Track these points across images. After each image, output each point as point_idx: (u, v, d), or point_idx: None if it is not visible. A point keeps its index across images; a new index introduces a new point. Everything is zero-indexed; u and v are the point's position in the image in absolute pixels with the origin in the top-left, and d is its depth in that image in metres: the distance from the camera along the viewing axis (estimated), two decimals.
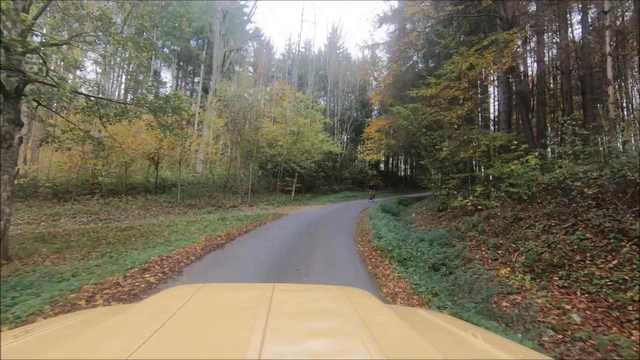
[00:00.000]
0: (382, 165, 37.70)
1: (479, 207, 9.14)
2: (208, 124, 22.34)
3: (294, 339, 0.91)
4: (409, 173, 42.71)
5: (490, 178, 10.35)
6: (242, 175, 19.36)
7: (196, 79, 37.06)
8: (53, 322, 1.20)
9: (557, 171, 6.84)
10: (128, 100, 8.90)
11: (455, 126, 9.24)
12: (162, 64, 36.18)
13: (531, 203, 7.53)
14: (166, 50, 34.30)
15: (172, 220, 11.96)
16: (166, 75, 38.40)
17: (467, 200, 9.44)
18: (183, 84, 38.37)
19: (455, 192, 10.10)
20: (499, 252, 6.73)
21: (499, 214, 8.12)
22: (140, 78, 8.11)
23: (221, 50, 22.56)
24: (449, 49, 9.16)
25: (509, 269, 5.73)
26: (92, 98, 8.62)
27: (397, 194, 31.03)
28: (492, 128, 17.27)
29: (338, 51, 35.71)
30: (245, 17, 33.38)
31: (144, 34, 29.28)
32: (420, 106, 10.38)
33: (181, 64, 36.85)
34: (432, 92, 9.39)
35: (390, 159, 39.56)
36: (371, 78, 37.97)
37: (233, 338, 0.87)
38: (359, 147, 31.55)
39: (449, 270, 5.88)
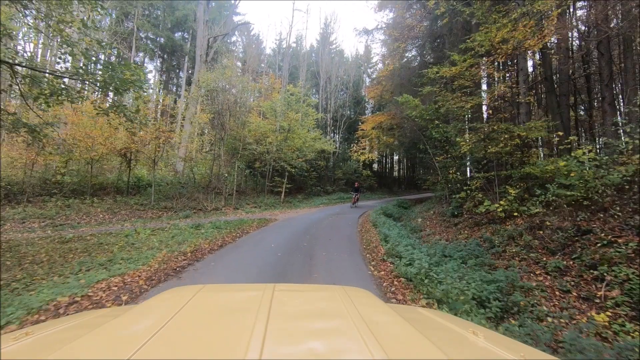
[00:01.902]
0: (375, 165, 35.76)
1: (514, 213, 7.22)
2: (190, 118, 19.99)
3: (295, 339, 0.87)
4: (403, 174, 40.93)
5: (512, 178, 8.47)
6: (226, 175, 17.10)
7: (181, 74, 34.47)
8: (54, 324, 1.17)
9: None
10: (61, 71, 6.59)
11: (490, 111, 7.30)
12: (146, 57, 33.61)
13: (598, 210, 5.62)
14: (148, 42, 31.77)
15: (136, 228, 9.67)
16: (150, 70, 35.73)
17: (496, 205, 7.50)
18: (166, 78, 35.68)
19: (481, 195, 8.16)
20: (568, 279, 4.77)
21: (549, 223, 6.19)
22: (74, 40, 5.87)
23: (205, 38, 20.25)
24: (476, 18, 7.27)
25: (608, 313, 3.74)
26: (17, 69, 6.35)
27: (392, 195, 29.17)
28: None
29: (331, 47, 33.69)
30: (232, 9, 31.08)
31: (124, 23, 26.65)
32: (439, 91, 8.44)
33: (165, 57, 34.20)
34: (456, 71, 7.46)
35: (385, 159, 37.70)
36: (364, 75, 36.20)
37: (234, 338, 0.84)
38: (352, 146, 29.56)
39: (516, 312, 3.88)
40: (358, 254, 6.58)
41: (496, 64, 10.40)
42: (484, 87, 11.95)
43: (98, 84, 6.43)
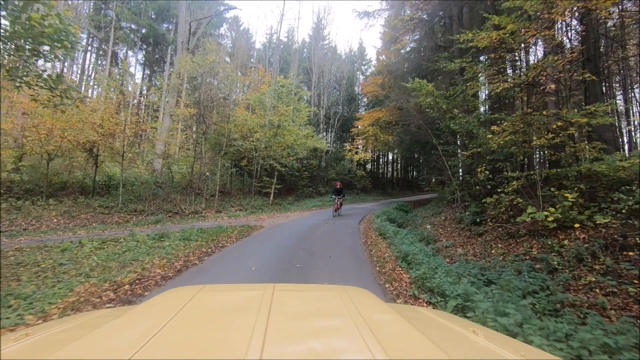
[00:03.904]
0: (368, 166, 33.87)
1: (574, 224, 5.40)
2: (170, 111, 17.71)
3: (295, 339, 0.85)
4: (397, 174, 39.20)
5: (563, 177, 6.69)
6: (208, 174, 14.92)
7: (166, 68, 31.92)
8: (54, 324, 1.15)
9: None
10: None
11: (552, 88, 5.43)
12: (129, 50, 31.01)
13: None
14: (130, 34, 29.18)
15: (82, 239, 7.49)
16: (131, 63, 33.01)
17: (545, 213, 5.66)
18: (150, 72, 33.05)
19: (521, 200, 6.32)
20: None
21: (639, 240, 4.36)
22: None
23: (186, 23, 18.03)
24: None
25: None
26: None
27: (386, 197, 27.41)
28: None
29: (324, 42, 31.75)
30: None
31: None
32: (469, 67, 6.55)
33: (148, 49, 31.59)
34: (497, 37, 5.59)
35: (379, 159, 35.89)
36: (358, 73, 34.44)
37: (234, 338, 0.83)
38: (346, 145, 27.64)
39: None
40: (373, 282, 4.62)
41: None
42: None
43: None
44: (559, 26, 8.00)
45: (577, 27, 8.03)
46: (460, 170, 9.95)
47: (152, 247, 6.47)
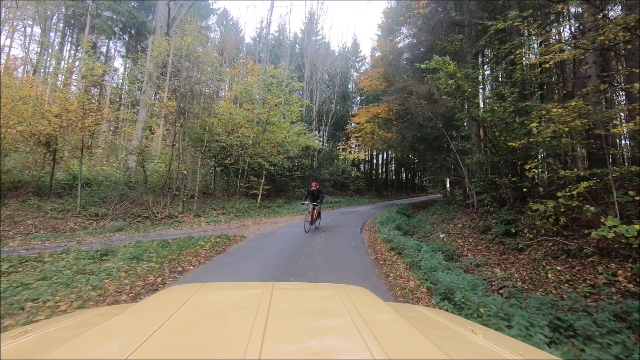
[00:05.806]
0: (362, 166, 32.10)
1: None
2: (144, 101, 15.57)
3: (294, 338, 0.82)
4: (392, 175, 37.55)
5: None
6: (185, 172, 12.85)
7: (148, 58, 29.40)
8: (53, 322, 1.10)
9: None
10: None
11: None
12: (108, 40, 28.48)
13: None
14: (111, 23, 26.72)
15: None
16: (113, 55, 30.42)
17: (638, 227, 3.94)
18: (132, 64, 30.53)
19: (592, 208, 4.59)
20: None
21: None
22: None
23: (165, 6, 15.93)
24: None
25: None
26: None
27: (382, 199, 25.70)
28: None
29: (316, 37, 29.91)
30: None
31: None
32: (523, 28, 4.77)
33: (131, 41, 29.12)
34: None
35: (372, 160, 34.15)
36: (352, 70, 32.78)
37: (233, 337, 0.79)
38: (339, 144, 25.83)
39: None
40: None
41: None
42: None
43: None
44: None
45: None
46: (480, 169, 8.21)
47: (81, 273, 4.47)
